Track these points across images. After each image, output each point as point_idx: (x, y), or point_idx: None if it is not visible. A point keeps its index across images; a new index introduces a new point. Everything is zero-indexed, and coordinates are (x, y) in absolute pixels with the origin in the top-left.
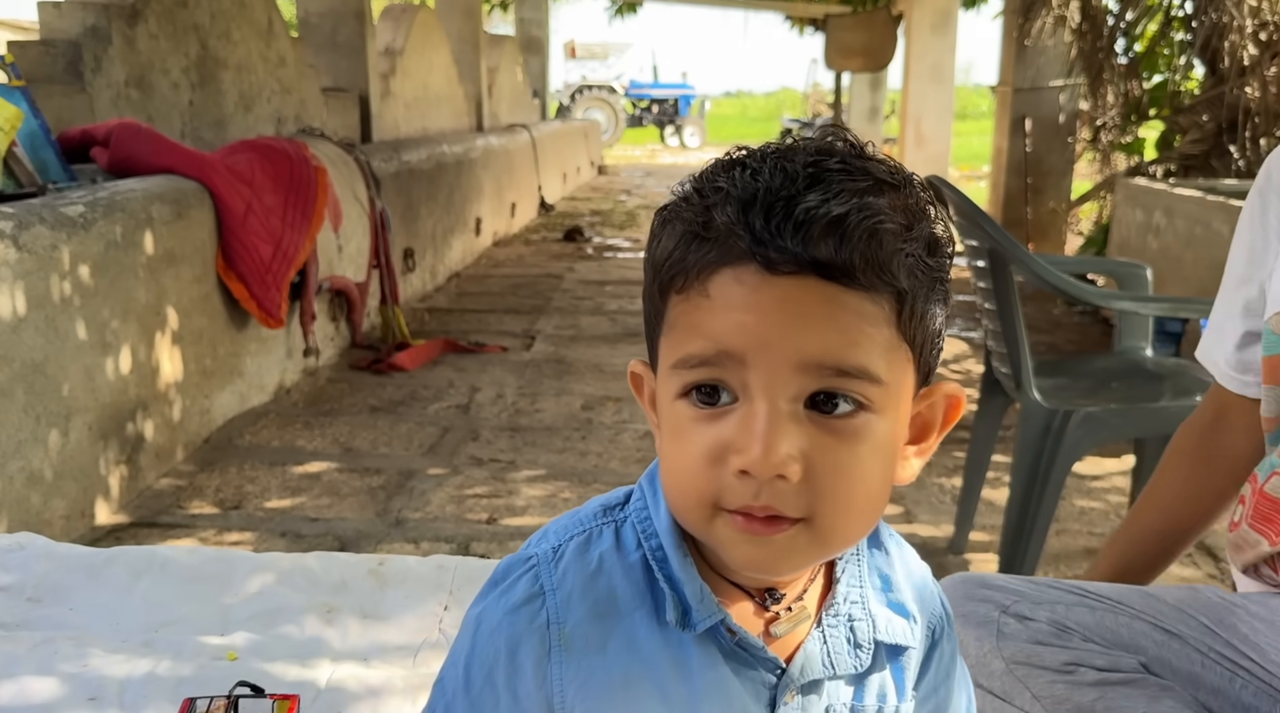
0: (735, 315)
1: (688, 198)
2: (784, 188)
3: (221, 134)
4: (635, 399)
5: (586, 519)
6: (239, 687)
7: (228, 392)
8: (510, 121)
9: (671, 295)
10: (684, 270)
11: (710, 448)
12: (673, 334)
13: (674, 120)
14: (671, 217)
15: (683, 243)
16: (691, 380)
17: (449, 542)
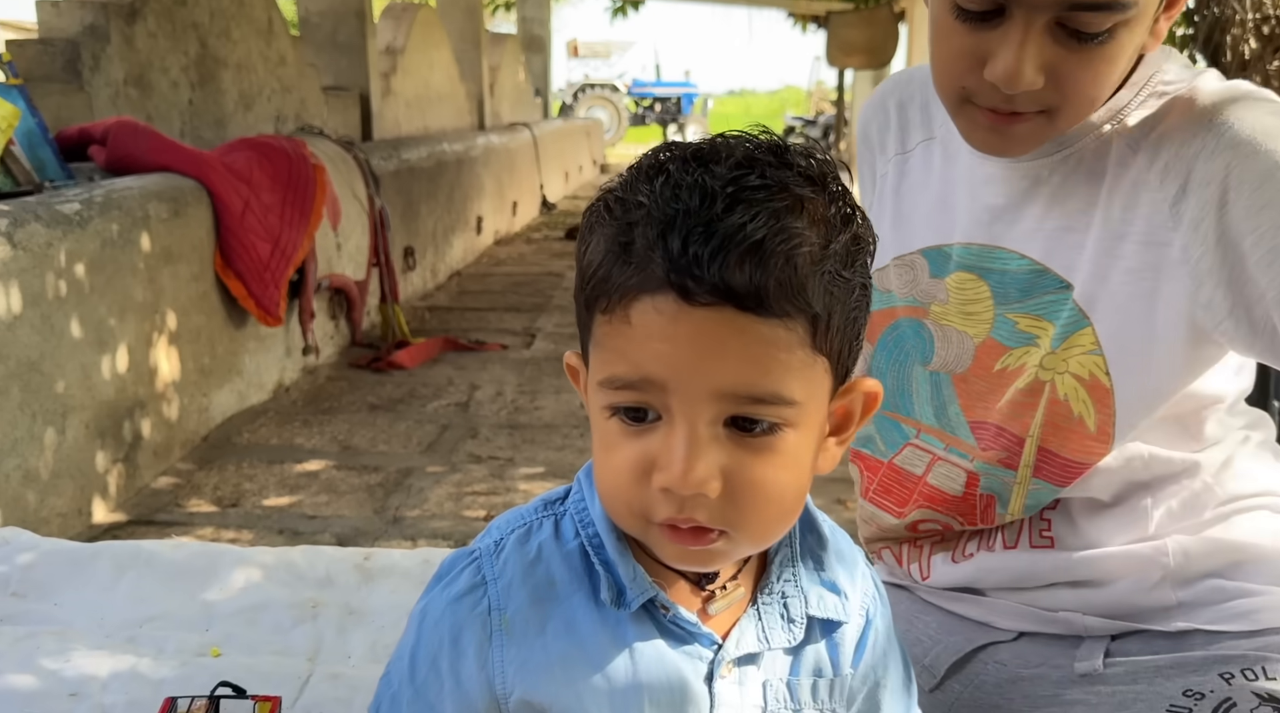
0: (654, 345)
1: (610, 208)
2: (702, 210)
3: (221, 133)
4: None
5: (527, 513)
6: (220, 687)
7: (226, 390)
8: (512, 120)
9: (596, 313)
10: (607, 292)
11: (637, 463)
12: (599, 352)
13: (677, 119)
14: (596, 222)
15: (606, 260)
16: (617, 401)
17: (447, 539)
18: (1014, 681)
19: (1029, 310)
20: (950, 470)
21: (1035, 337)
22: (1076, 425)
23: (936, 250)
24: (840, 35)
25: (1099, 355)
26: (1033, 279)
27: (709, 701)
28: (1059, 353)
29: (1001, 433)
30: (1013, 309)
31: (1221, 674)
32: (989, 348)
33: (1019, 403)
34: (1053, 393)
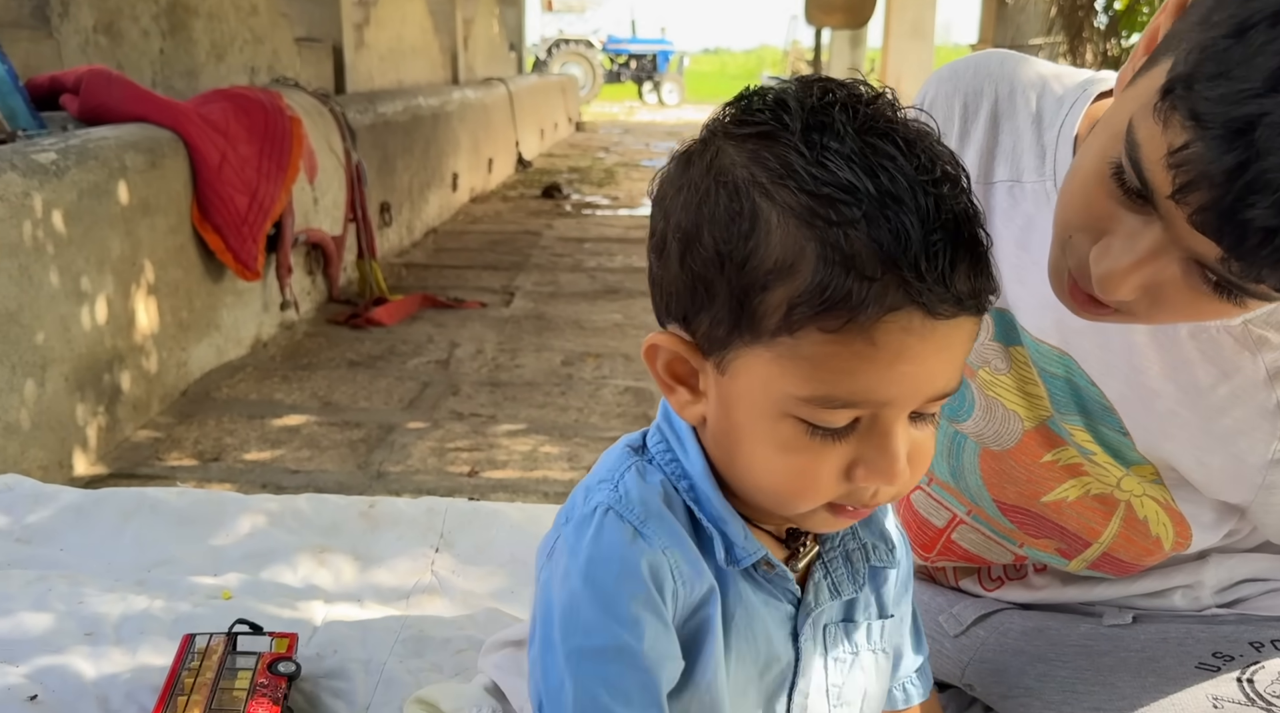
0: (900, 367)
1: (793, 189)
2: (930, 217)
3: (193, 83)
4: (615, 356)
5: (622, 460)
6: (237, 624)
7: (204, 344)
8: (486, 75)
9: (810, 326)
10: (838, 308)
11: (839, 466)
12: (808, 368)
13: (652, 77)
14: (768, 200)
15: (829, 270)
16: (822, 420)
17: (431, 494)
18: (1040, 630)
19: (1084, 427)
20: (989, 545)
21: (1091, 454)
22: (1153, 543)
23: (1001, 314)
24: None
25: (1161, 486)
26: (1095, 409)
27: (794, 651)
28: (1131, 476)
29: (1063, 534)
30: (1070, 421)
31: (1252, 643)
32: (1041, 436)
33: (1091, 509)
34: (1130, 512)
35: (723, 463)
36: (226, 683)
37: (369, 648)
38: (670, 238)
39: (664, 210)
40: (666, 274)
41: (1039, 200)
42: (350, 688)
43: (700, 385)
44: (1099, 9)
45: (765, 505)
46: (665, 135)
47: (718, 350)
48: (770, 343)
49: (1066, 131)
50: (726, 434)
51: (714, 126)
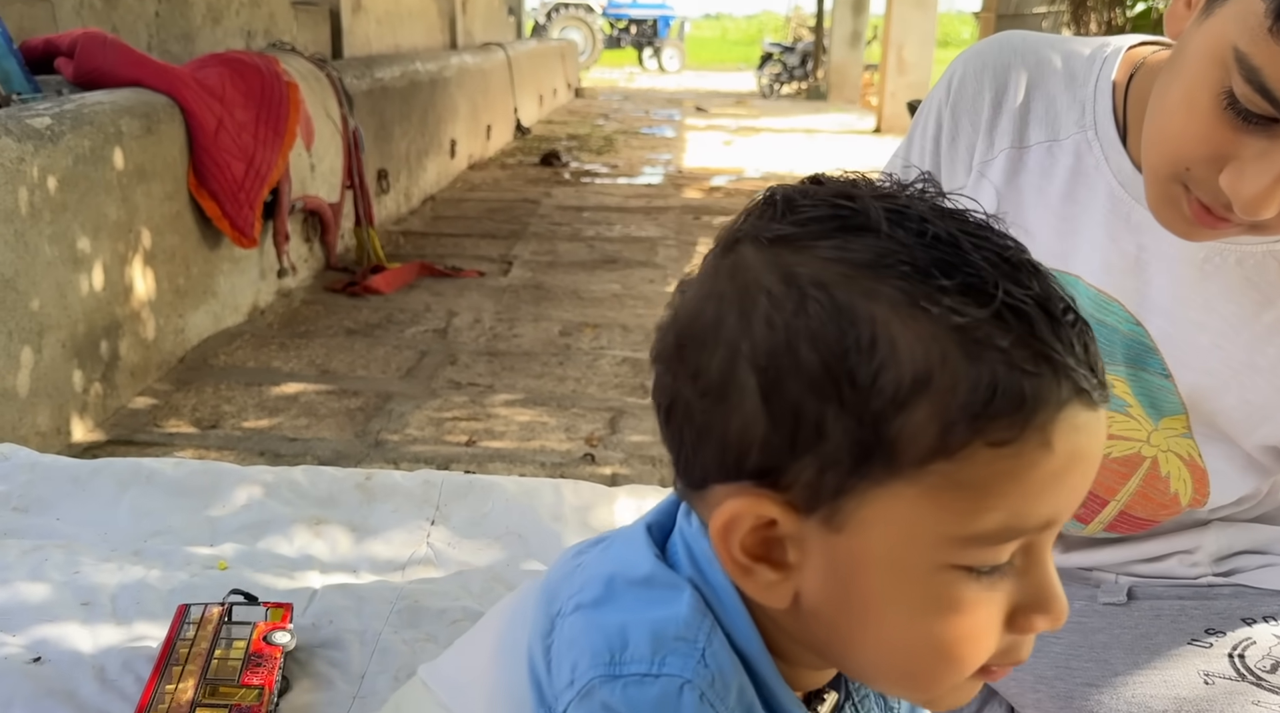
0: (1073, 473)
1: (923, 287)
2: (1056, 298)
3: (189, 47)
4: (613, 326)
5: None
6: (232, 595)
7: (201, 312)
8: (485, 40)
9: (976, 441)
10: (1011, 413)
11: (1001, 617)
12: (971, 496)
13: (652, 42)
14: (900, 313)
15: (990, 370)
16: (993, 561)
17: (429, 463)
18: None
19: (1125, 377)
20: None
21: (1127, 405)
22: (1170, 500)
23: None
24: None
25: (1190, 440)
26: (1138, 352)
27: None
28: (1160, 431)
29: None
30: (1112, 371)
31: (1244, 619)
32: None
33: (1110, 470)
34: (1154, 469)
35: (825, 643)
36: (221, 653)
37: (364, 619)
38: (738, 372)
39: (712, 342)
40: (734, 421)
41: (1080, 150)
42: (345, 658)
43: (790, 557)
44: None
45: (892, 689)
46: (665, 102)
47: (828, 501)
48: (916, 475)
49: (1104, 84)
50: (844, 609)
51: (741, 231)
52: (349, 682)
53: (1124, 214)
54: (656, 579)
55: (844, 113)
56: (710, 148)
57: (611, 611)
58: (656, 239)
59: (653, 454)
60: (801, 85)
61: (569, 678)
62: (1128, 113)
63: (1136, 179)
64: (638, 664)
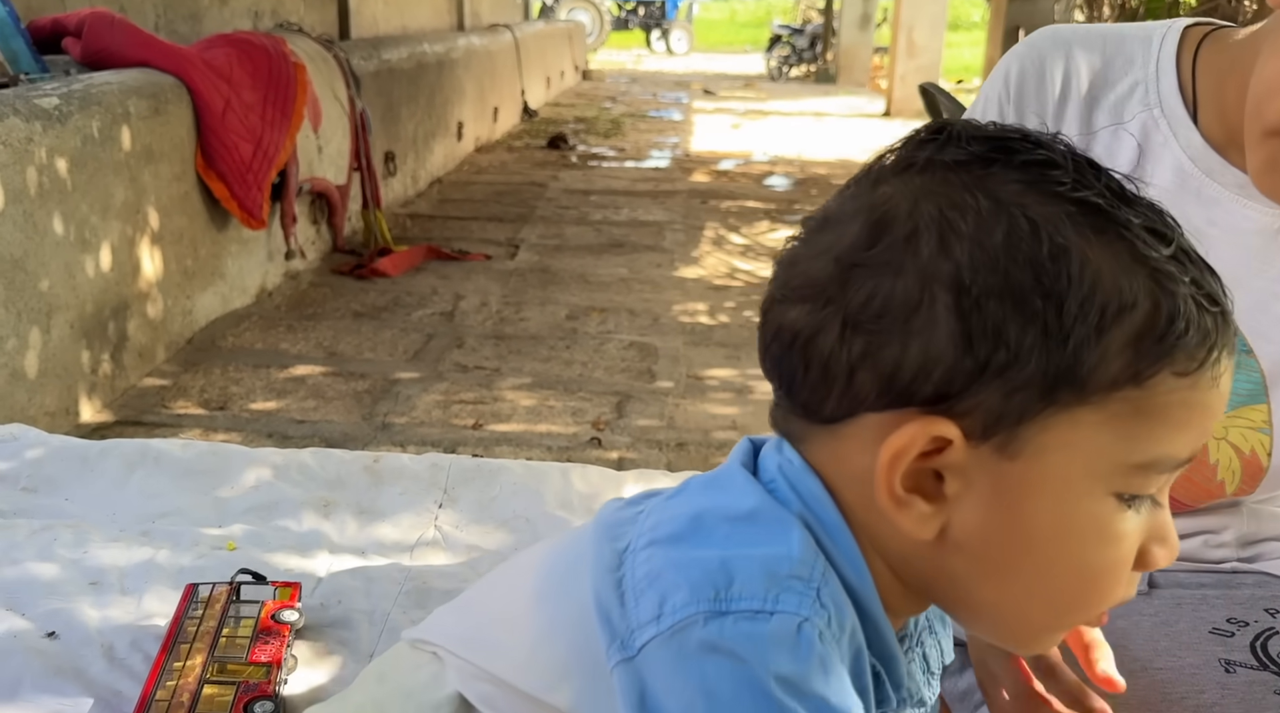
0: (1220, 409)
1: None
2: (1196, 251)
3: (196, 28)
4: (620, 310)
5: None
6: (240, 574)
7: (209, 293)
8: (492, 21)
9: (1164, 370)
10: (1198, 346)
11: (1135, 550)
12: (1151, 424)
13: (661, 24)
14: (1102, 244)
15: (1182, 304)
16: (1151, 488)
17: (436, 446)
18: None
19: None
20: None
21: None
22: (1215, 488)
23: None
24: None
25: (1267, 435)
26: None
27: None
28: (1225, 419)
29: None
30: None
31: (1267, 609)
32: None
33: None
34: (1203, 453)
35: (964, 577)
36: (230, 631)
37: (373, 599)
38: (932, 293)
39: (899, 264)
40: (914, 345)
41: (1147, 129)
42: (354, 637)
43: (949, 488)
44: None
45: (1036, 622)
46: (673, 85)
47: (1008, 428)
48: (1103, 402)
49: (1165, 63)
50: (1003, 538)
51: (910, 158)
52: (358, 660)
53: (1194, 189)
54: (763, 515)
55: (853, 96)
56: (718, 131)
57: (705, 546)
58: (664, 223)
59: (659, 439)
60: (810, 68)
61: (655, 612)
62: (1196, 88)
63: (1207, 153)
64: (749, 601)
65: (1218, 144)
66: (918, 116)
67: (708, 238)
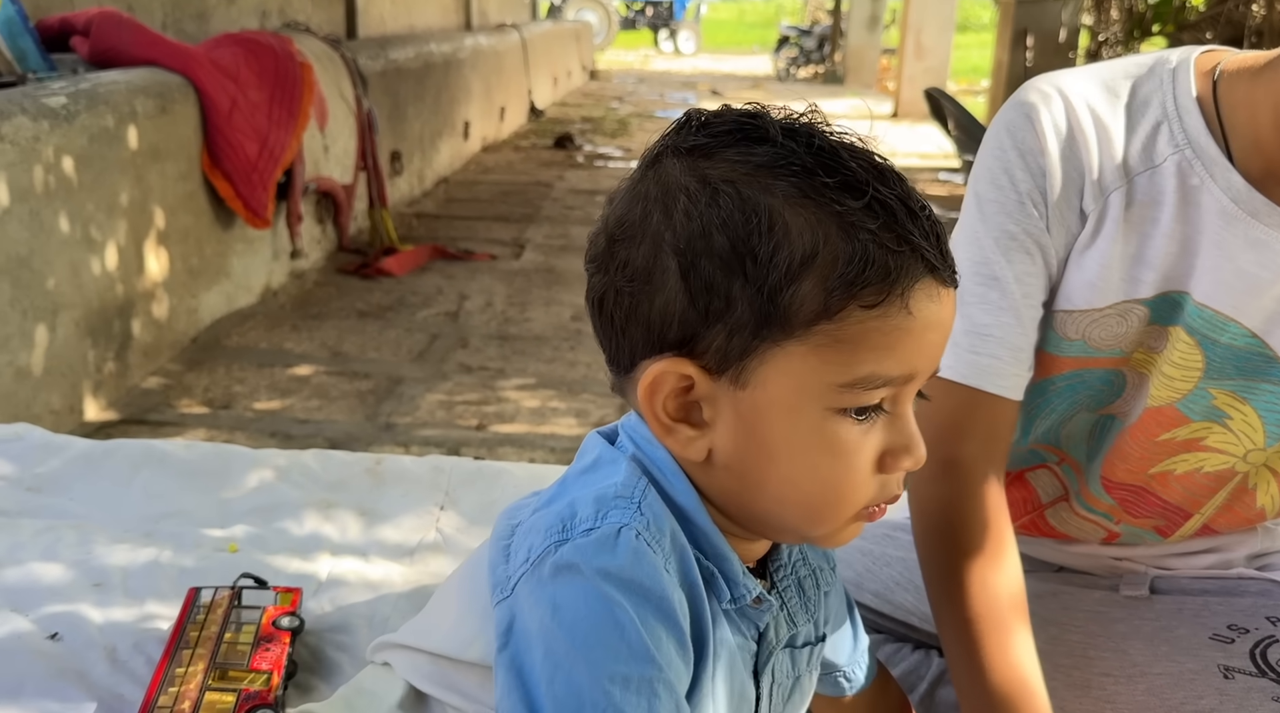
0: (930, 335)
1: (807, 191)
2: (913, 199)
3: (204, 27)
4: None
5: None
6: (242, 578)
7: (214, 292)
8: (499, 20)
9: (851, 305)
10: (879, 282)
11: (874, 458)
12: (849, 350)
13: (668, 24)
14: (792, 203)
15: (862, 248)
16: (863, 402)
17: (439, 446)
18: (1054, 594)
19: (1235, 389)
20: (1081, 524)
21: (1226, 416)
22: (1255, 513)
23: (1164, 298)
24: None
25: None
26: (1255, 362)
27: (755, 689)
28: (1269, 451)
29: (1165, 508)
30: (1218, 385)
31: (1269, 617)
32: (1161, 416)
33: (1199, 484)
34: (1244, 483)
35: (737, 491)
36: (231, 636)
37: (373, 603)
38: (661, 258)
39: (639, 236)
40: (657, 300)
41: (1183, 171)
42: (354, 642)
43: (704, 415)
44: None
45: (794, 527)
46: (681, 85)
47: (735, 362)
48: (805, 335)
49: (1184, 100)
50: (750, 455)
51: (664, 146)
52: (357, 666)
53: (1240, 233)
54: (602, 460)
55: (861, 97)
56: None
57: (562, 498)
58: None
59: None
60: (818, 69)
61: (525, 557)
62: (1224, 123)
63: (1250, 195)
64: (584, 524)
65: (1258, 179)
66: (925, 118)
67: None
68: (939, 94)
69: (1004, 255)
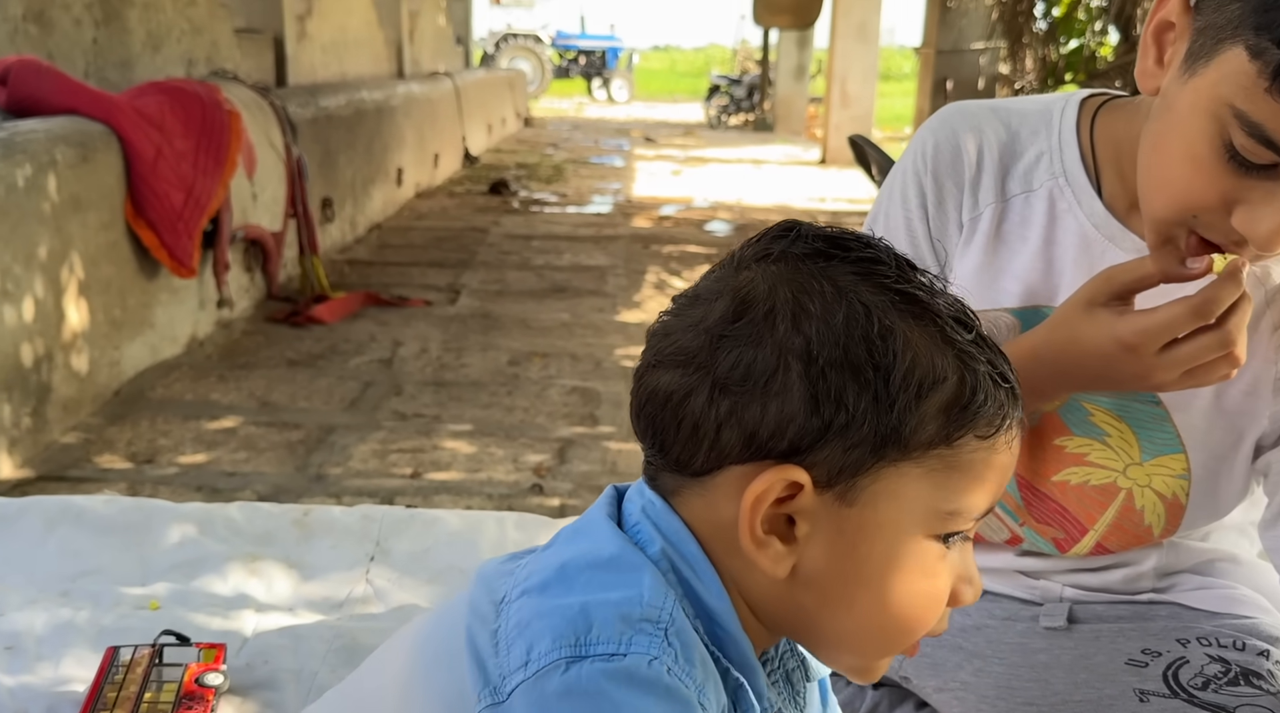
0: (1007, 475)
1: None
2: (994, 345)
3: (128, 75)
4: (562, 355)
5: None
6: (164, 635)
7: (138, 343)
8: (433, 69)
9: (969, 434)
10: (995, 414)
11: (950, 585)
12: (959, 478)
13: (601, 73)
14: (919, 329)
15: (979, 380)
16: (961, 528)
17: (372, 496)
18: (979, 628)
19: (1109, 407)
20: (989, 519)
21: (1106, 435)
22: (1143, 533)
23: (1034, 311)
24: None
25: (1185, 480)
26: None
27: None
28: (1146, 467)
29: (1064, 516)
30: (1090, 399)
31: (1179, 639)
32: (1053, 421)
33: (1090, 498)
34: (1129, 501)
35: (813, 609)
36: (151, 696)
37: (300, 658)
38: (786, 363)
39: (758, 338)
40: (772, 406)
41: (1053, 196)
42: (281, 699)
43: (800, 530)
44: (1038, 15)
45: (861, 649)
46: (615, 132)
47: (847, 478)
48: (921, 458)
49: (1066, 134)
50: (844, 574)
51: (774, 250)
52: None
53: (1098, 253)
54: (622, 561)
55: (790, 144)
56: (659, 177)
57: (568, 594)
58: (605, 268)
59: (601, 484)
60: (748, 117)
61: (524, 659)
62: (1097, 157)
63: (1108, 221)
64: (605, 645)
65: (1120, 210)
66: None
67: (649, 282)
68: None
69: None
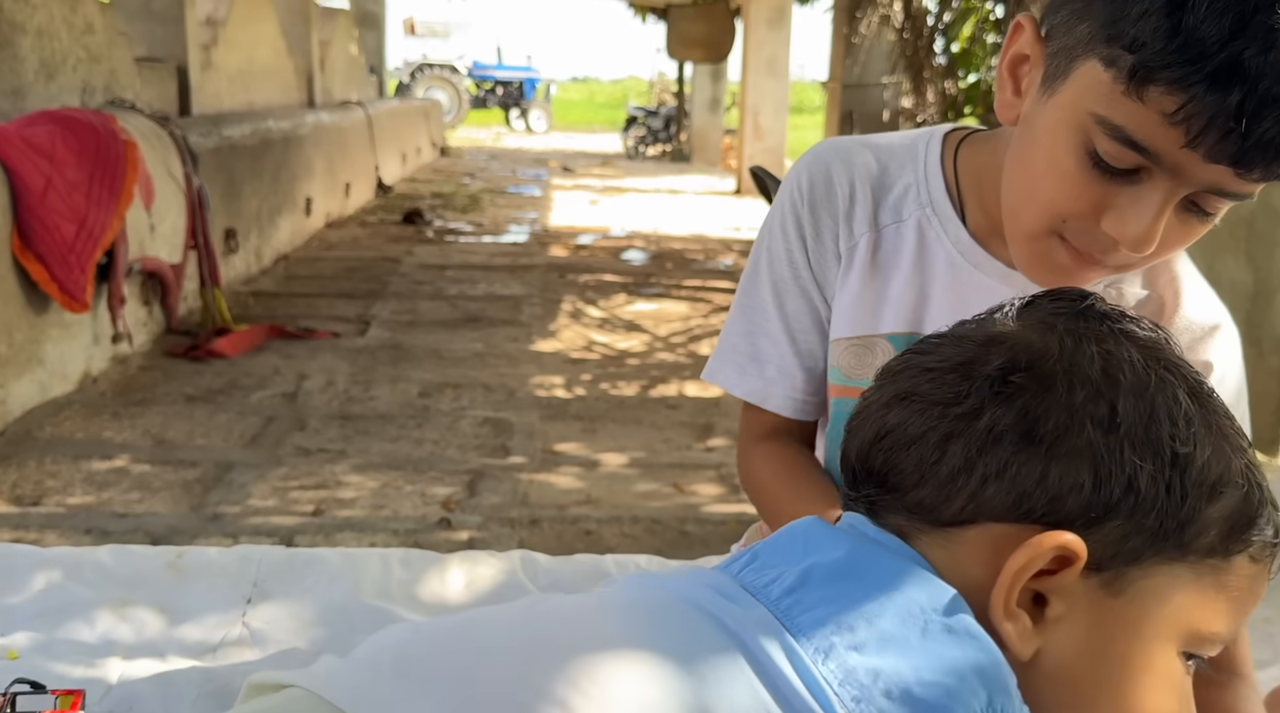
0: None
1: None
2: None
3: (19, 104)
4: (475, 386)
5: None
6: (16, 683)
7: (26, 381)
8: (344, 98)
9: (1244, 552)
10: (1271, 538)
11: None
12: (1223, 597)
13: (519, 103)
14: (1210, 427)
15: (1262, 496)
16: (1210, 652)
17: (271, 536)
18: None
19: None
20: None
21: None
22: None
23: (907, 338)
24: (679, 28)
25: None
26: None
27: None
28: None
29: None
30: None
31: None
32: None
33: None
34: None
35: (1052, 706)
36: None
37: (168, 703)
38: (1080, 425)
39: (1055, 396)
40: (1053, 470)
41: (922, 226)
42: None
43: (1053, 610)
44: (938, 51)
45: None
46: (532, 162)
47: (1120, 566)
48: (1196, 564)
49: (932, 166)
50: (1092, 671)
51: (1079, 308)
52: None
53: (965, 279)
54: (962, 629)
55: (706, 174)
56: (577, 207)
57: (907, 654)
58: (521, 297)
59: (511, 516)
60: (665, 148)
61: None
62: (960, 189)
63: (973, 248)
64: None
65: (983, 236)
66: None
67: (565, 311)
68: (761, 172)
69: (775, 298)
